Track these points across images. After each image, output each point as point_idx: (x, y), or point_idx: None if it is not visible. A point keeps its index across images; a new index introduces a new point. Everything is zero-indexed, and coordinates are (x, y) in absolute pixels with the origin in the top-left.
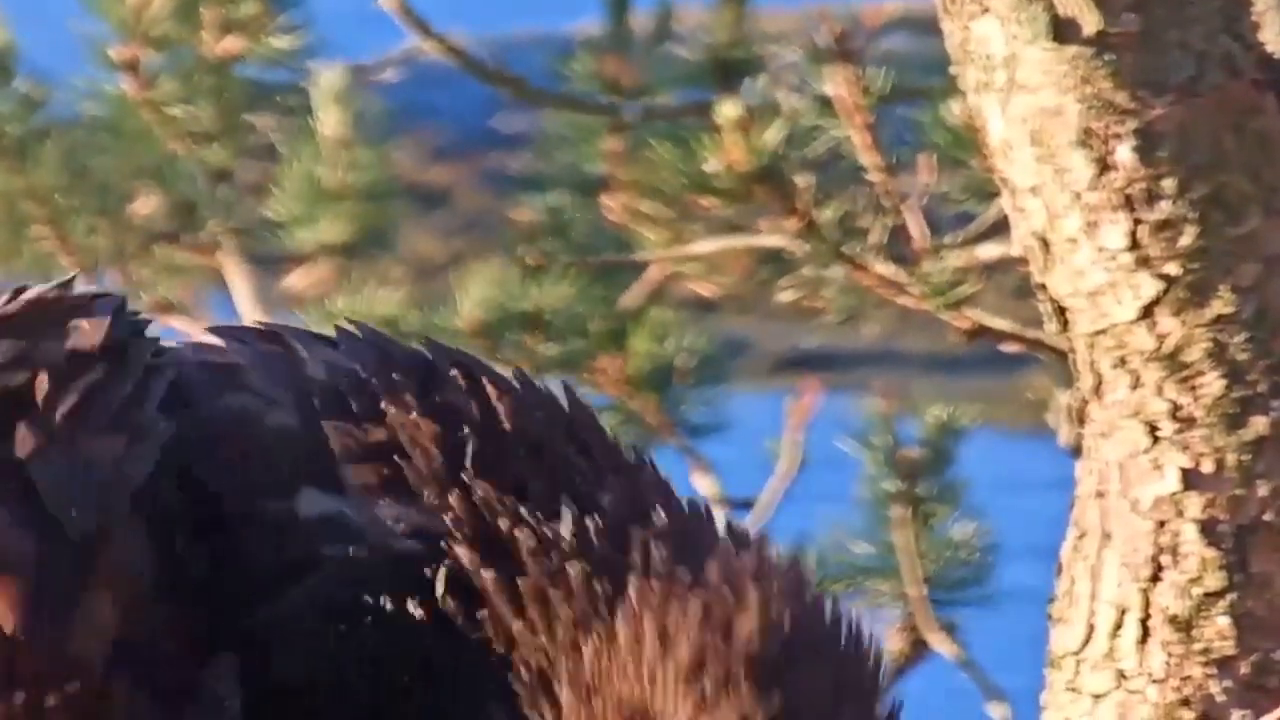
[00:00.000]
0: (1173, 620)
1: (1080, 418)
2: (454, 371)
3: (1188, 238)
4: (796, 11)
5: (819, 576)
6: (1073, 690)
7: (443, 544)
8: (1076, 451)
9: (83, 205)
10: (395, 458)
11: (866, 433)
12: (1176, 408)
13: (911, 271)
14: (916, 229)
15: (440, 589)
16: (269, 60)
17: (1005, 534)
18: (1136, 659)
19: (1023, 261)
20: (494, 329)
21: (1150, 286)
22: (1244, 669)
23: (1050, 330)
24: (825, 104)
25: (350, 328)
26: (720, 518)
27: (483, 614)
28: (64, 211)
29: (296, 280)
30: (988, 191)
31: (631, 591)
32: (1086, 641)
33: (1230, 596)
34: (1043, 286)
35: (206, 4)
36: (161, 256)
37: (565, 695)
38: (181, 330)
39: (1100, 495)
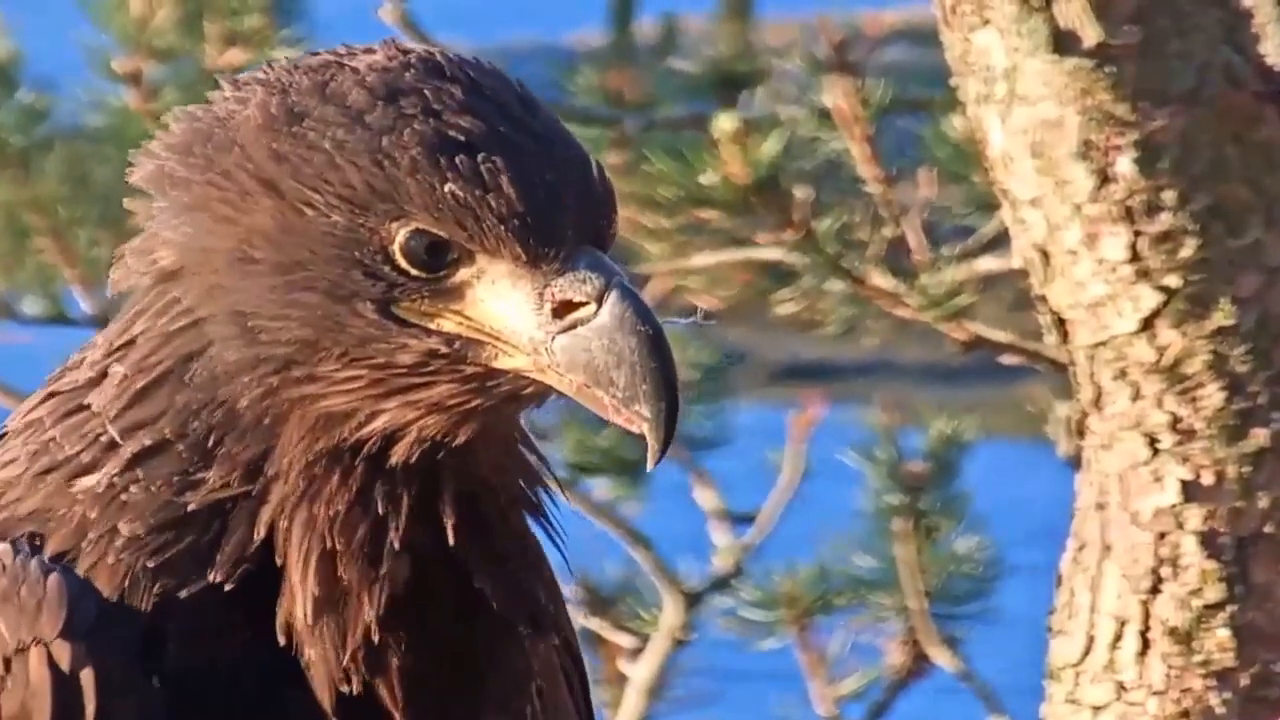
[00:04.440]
0: (1173, 632)
1: (1080, 430)
2: None
3: (1188, 249)
4: (798, 22)
5: (821, 589)
6: (1073, 702)
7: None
8: (1076, 463)
9: (85, 216)
10: None
11: (869, 445)
12: (1177, 420)
13: (910, 283)
14: (915, 241)
15: None
16: None
17: (1004, 546)
18: (1136, 671)
19: (1022, 274)
20: None
21: (1150, 298)
22: (1244, 681)
23: (1050, 342)
24: (824, 115)
25: None
26: None
27: None
28: (66, 222)
29: None
30: (988, 204)
31: None
32: (1086, 653)
33: (1230, 608)
34: (1043, 298)
35: (210, 16)
36: None
37: None
38: None
39: (1100, 507)
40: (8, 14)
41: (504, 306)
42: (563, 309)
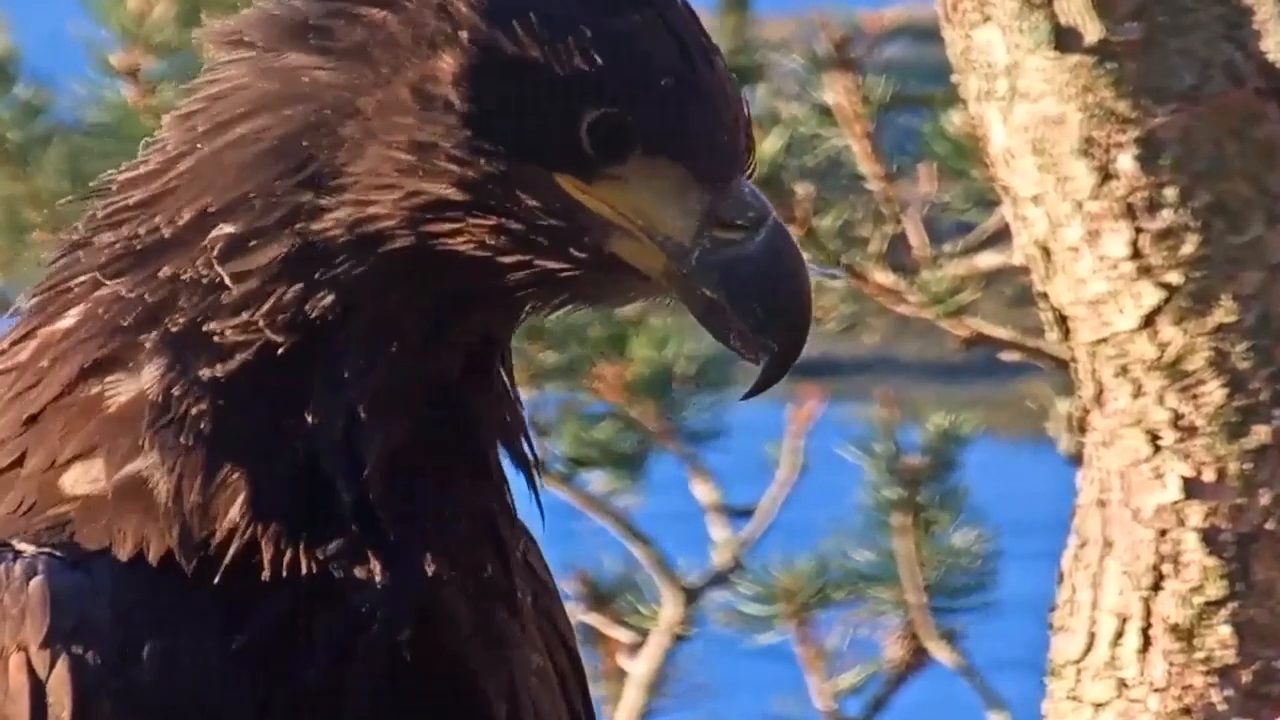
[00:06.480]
0: (1174, 629)
1: (1081, 426)
2: None
3: (1189, 246)
4: (798, 18)
5: (820, 583)
6: (1074, 699)
7: None
8: (1077, 460)
9: (84, 211)
10: None
11: (867, 440)
12: (1178, 416)
13: (911, 280)
14: (916, 237)
15: None
16: None
17: (1005, 542)
18: (1138, 667)
19: (1023, 270)
20: None
21: (1152, 295)
22: (1245, 678)
23: (1051, 339)
24: (825, 112)
25: None
26: None
27: None
28: (65, 217)
29: None
30: (988, 200)
31: None
32: (1088, 650)
33: (1232, 605)
34: (1044, 295)
35: (208, 10)
36: None
37: None
38: None
39: (1102, 504)
40: (6, 9)
41: (663, 209)
42: (720, 228)
